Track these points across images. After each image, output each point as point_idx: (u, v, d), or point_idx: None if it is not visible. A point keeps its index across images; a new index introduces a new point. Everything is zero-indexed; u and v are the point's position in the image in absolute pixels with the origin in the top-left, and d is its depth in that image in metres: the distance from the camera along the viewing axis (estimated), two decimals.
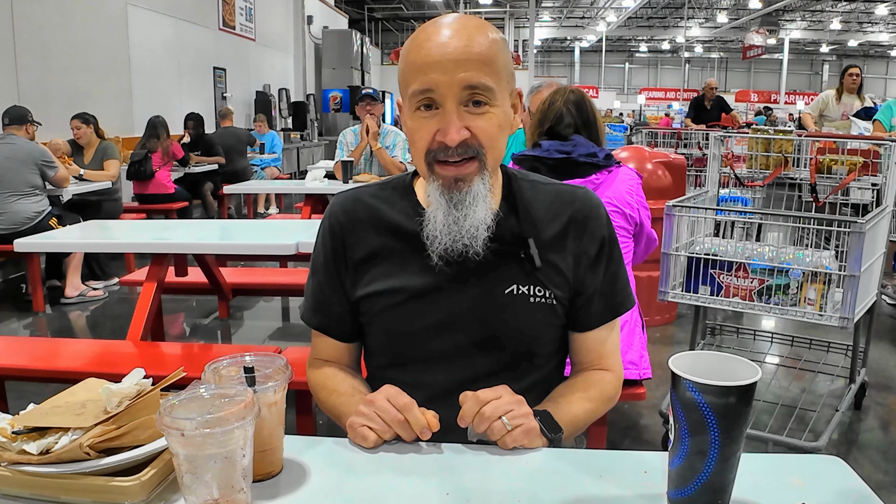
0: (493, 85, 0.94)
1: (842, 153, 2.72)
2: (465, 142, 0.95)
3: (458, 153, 0.95)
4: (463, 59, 0.93)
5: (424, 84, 0.94)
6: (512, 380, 1.02)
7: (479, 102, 0.95)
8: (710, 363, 0.77)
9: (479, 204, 0.97)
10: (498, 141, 0.98)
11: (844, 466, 0.87)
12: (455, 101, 0.94)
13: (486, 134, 0.96)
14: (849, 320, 2.01)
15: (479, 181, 0.97)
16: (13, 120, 4.33)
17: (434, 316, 1.04)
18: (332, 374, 1.11)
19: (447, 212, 0.98)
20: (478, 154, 0.96)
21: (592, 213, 1.08)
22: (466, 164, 0.96)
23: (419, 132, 0.97)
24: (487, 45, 0.95)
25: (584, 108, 2.08)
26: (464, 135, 0.94)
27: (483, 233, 0.99)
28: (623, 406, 2.77)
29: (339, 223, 1.09)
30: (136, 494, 0.77)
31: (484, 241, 1.00)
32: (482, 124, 0.95)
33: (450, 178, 0.97)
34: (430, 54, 0.94)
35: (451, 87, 0.93)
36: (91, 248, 3.54)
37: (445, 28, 0.95)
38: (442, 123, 0.95)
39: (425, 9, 20.81)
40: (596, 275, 1.08)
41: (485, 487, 0.83)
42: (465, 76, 0.92)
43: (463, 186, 0.97)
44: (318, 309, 1.12)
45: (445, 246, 1.00)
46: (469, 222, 0.97)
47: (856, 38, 28.41)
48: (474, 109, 0.95)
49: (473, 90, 0.93)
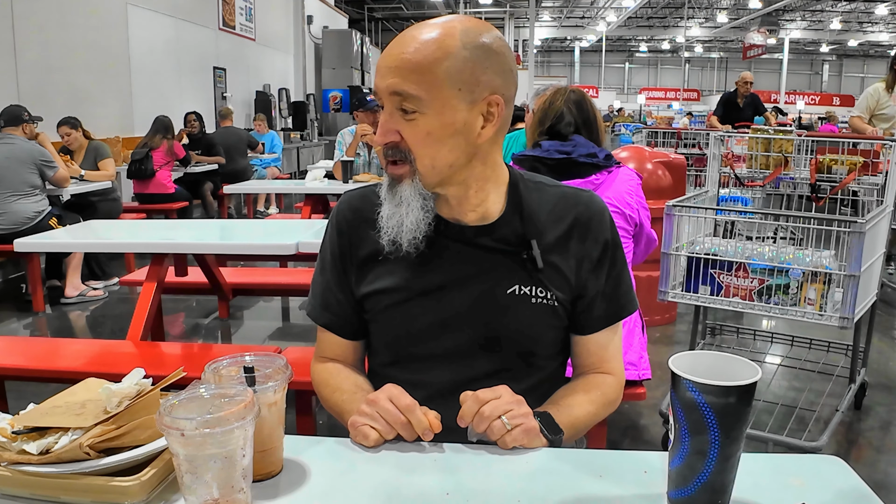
0: (418, 93, 0.94)
1: (842, 153, 2.72)
2: (395, 144, 0.98)
3: (390, 154, 0.99)
4: (393, 65, 0.95)
5: (374, 86, 0.99)
6: (513, 380, 1.02)
7: (405, 110, 0.96)
8: (710, 363, 0.77)
9: (411, 205, 0.99)
10: (429, 148, 0.97)
11: (844, 466, 0.87)
12: (389, 105, 0.97)
13: (412, 140, 0.97)
14: (849, 320, 2.01)
15: (408, 184, 0.99)
16: (8, 121, 4.31)
17: (436, 315, 1.04)
18: (335, 371, 1.11)
19: (389, 207, 1.02)
20: (407, 158, 0.98)
21: (596, 216, 1.08)
22: (399, 165, 0.99)
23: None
24: (427, 53, 0.94)
25: (585, 108, 2.08)
26: (389, 138, 0.98)
27: (415, 230, 1.00)
28: (623, 406, 2.77)
29: (346, 221, 1.11)
30: (136, 494, 0.77)
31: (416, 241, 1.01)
32: (408, 131, 0.97)
33: (391, 176, 1.01)
34: (380, 58, 0.99)
35: (383, 92, 0.97)
36: (91, 248, 3.54)
37: (405, 32, 0.98)
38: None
39: (425, 9, 20.81)
40: (598, 278, 1.08)
41: (485, 487, 0.83)
42: (391, 82, 0.95)
43: (396, 185, 1.01)
44: (324, 306, 1.12)
45: (391, 237, 1.02)
46: (407, 220, 1.00)
47: (856, 38, 28.41)
48: (404, 115, 0.97)
49: (399, 97, 0.96)
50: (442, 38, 0.95)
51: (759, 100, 6.92)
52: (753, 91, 6.82)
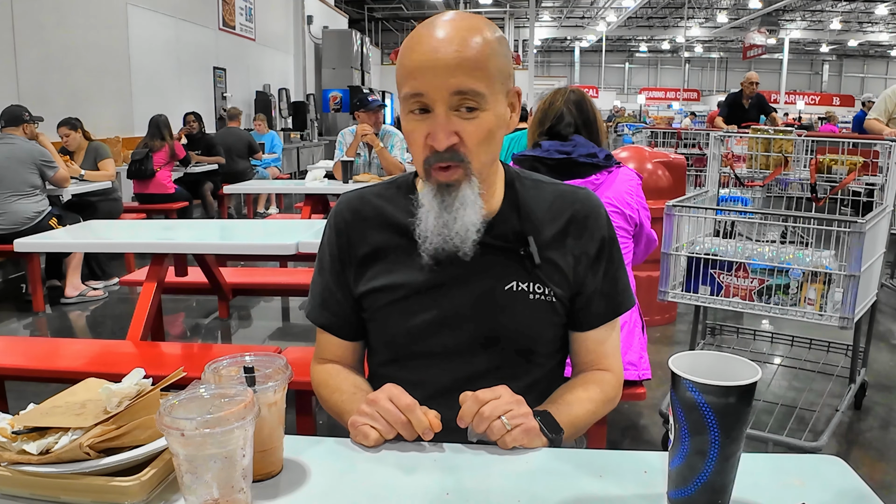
0: (483, 90, 0.94)
1: (842, 153, 2.72)
2: (453, 147, 0.95)
3: (445, 158, 0.96)
4: (454, 63, 0.92)
5: (415, 88, 0.94)
6: (512, 378, 1.02)
7: (470, 108, 0.94)
8: (710, 363, 0.77)
9: (468, 208, 0.98)
10: (487, 145, 0.98)
11: (844, 466, 0.87)
12: (445, 106, 0.94)
13: (475, 139, 0.96)
14: (849, 320, 2.01)
15: (466, 186, 0.98)
16: (9, 121, 4.32)
17: (434, 312, 1.04)
18: (334, 372, 1.11)
19: (438, 214, 0.99)
20: (463, 161, 0.97)
21: (593, 213, 1.09)
22: (454, 169, 0.97)
23: (412, 135, 0.98)
24: (479, 49, 0.94)
25: (585, 108, 2.08)
26: (452, 140, 0.95)
27: (473, 235, 0.99)
28: (623, 406, 2.77)
29: (344, 221, 1.10)
30: (136, 494, 0.77)
31: (474, 242, 1.00)
32: (472, 129, 0.95)
33: (442, 183, 0.98)
34: (422, 58, 0.93)
35: (441, 93, 0.93)
36: (91, 248, 3.54)
37: (438, 30, 0.95)
38: (432, 128, 0.95)
39: (425, 9, 20.80)
40: (596, 275, 1.08)
41: (485, 487, 0.83)
42: (454, 82, 0.92)
43: (452, 191, 0.98)
44: (323, 307, 1.12)
45: (436, 246, 1.00)
46: (459, 225, 0.98)
47: (856, 38, 28.42)
48: (465, 114, 0.95)
49: (463, 96, 0.93)
50: (482, 33, 0.95)
51: (764, 100, 6.72)
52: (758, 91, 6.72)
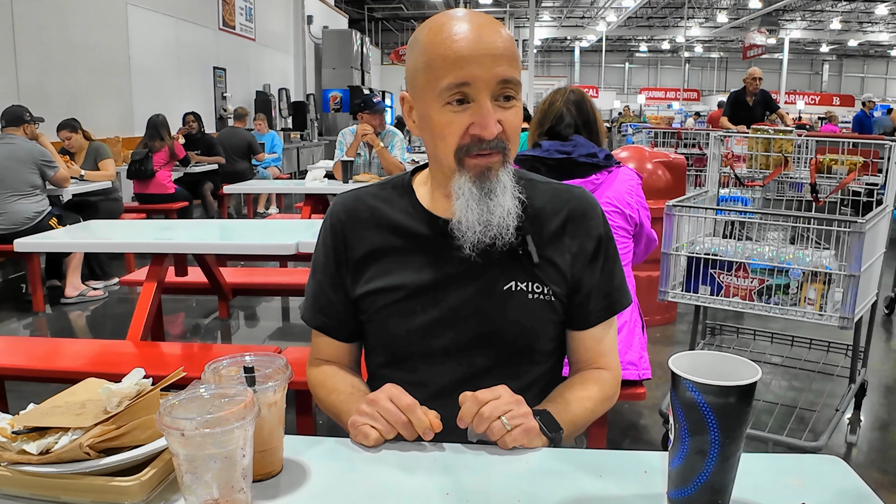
0: (520, 80, 0.97)
1: (842, 153, 2.72)
2: (498, 135, 0.96)
3: (490, 146, 0.96)
4: (498, 53, 0.94)
5: (460, 78, 0.94)
6: (511, 377, 1.02)
7: (510, 97, 0.97)
8: (710, 363, 0.77)
9: (507, 193, 0.99)
10: (517, 133, 1.01)
11: (844, 466, 0.87)
12: (489, 95, 0.95)
13: (513, 127, 0.98)
14: (849, 320, 2.01)
15: (504, 172, 0.99)
16: (10, 121, 4.32)
17: (433, 312, 1.04)
18: (331, 372, 1.11)
19: (480, 200, 0.98)
20: (504, 149, 0.98)
21: (589, 211, 1.09)
22: (493, 155, 0.97)
23: (451, 127, 0.97)
24: (511, 41, 0.98)
25: (585, 108, 2.08)
26: (499, 128, 0.96)
27: (512, 221, 1.00)
28: (623, 406, 2.77)
29: (339, 222, 1.10)
30: (136, 494, 0.77)
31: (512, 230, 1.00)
32: (511, 118, 0.97)
33: (482, 167, 0.97)
34: (466, 48, 0.94)
35: (488, 82, 0.94)
36: (91, 248, 3.54)
37: (471, 23, 0.96)
38: (477, 117, 0.95)
39: (425, 9, 20.80)
40: (593, 272, 1.09)
41: (485, 487, 0.83)
42: (500, 70, 0.94)
43: (492, 176, 0.98)
44: (318, 309, 1.12)
45: (478, 237, 1.00)
46: (500, 212, 0.98)
47: (856, 38, 28.41)
48: (504, 104, 0.96)
49: (506, 84, 0.95)
50: (505, 29, 0.99)
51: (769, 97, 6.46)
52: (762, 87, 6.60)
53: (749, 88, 6.25)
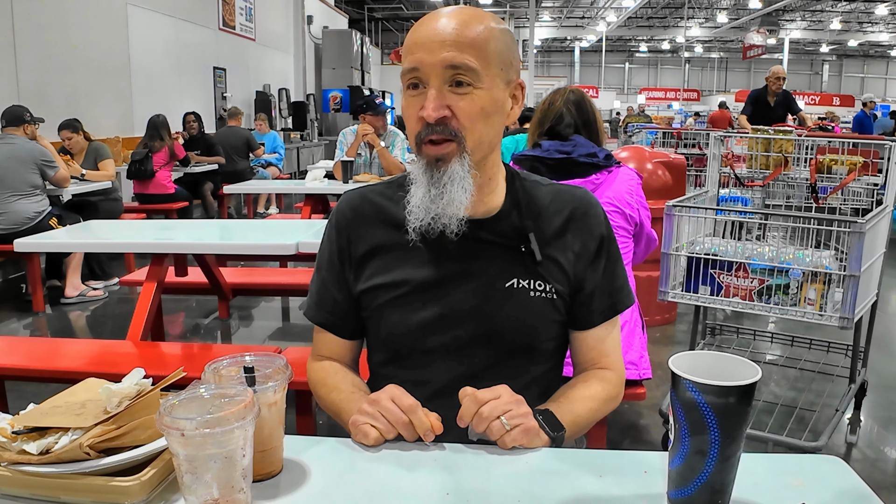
0: (476, 66, 0.95)
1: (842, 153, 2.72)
2: (444, 120, 0.96)
3: (437, 131, 0.96)
4: (449, 40, 0.95)
5: (411, 63, 0.96)
6: (511, 375, 1.02)
7: (461, 83, 0.96)
8: (710, 363, 0.77)
9: (455, 184, 0.98)
10: (479, 124, 0.98)
11: (844, 466, 0.87)
12: (438, 80, 0.96)
13: (466, 114, 0.97)
14: (849, 320, 2.01)
15: (457, 162, 0.98)
16: (10, 121, 4.32)
17: (434, 309, 1.04)
18: (332, 370, 1.11)
19: (426, 190, 0.99)
20: (456, 136, 0.97)
21: (591, 211, 1.10)
22: (445, 144, 0.98)
23: (408, 111, 1.00)
24: (477, 31, 0.97)
25: (584, 108, 2.08)
26: (442, 112, 0.96)
27: (460, 213, 1.00)
28: (623, 406, 2.77)
29: (345, 219, 1.11)
30: (136, 494, 0.77)
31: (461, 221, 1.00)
32: (463, 105, 0.96)
33: (431, 157, 0.98)
34: (419, 36, 0.97)
35: (434, 66, 0.95)
36: (91, 248, 3.54)
37: (442, 15, 0.98)
38: (424, 101, 0.96)
39: (425, 9, 20.80)
40: (596, 271, 1.09)
41: (485, 487, 0.83)
42: (447, 56, 0.94)
43: (442, 166, 0.98)
44: (321, 305, 1.12)
45: (423, 223, 1.01)
46: (446, 200, 0.98)
47: (856, 38, 28.42)
48: (457, 90, 0.96)
49: (455, 70, 0.95)
50: (484, 20, 0.98)
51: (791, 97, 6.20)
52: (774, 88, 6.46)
53: (771, 88, 5.99)
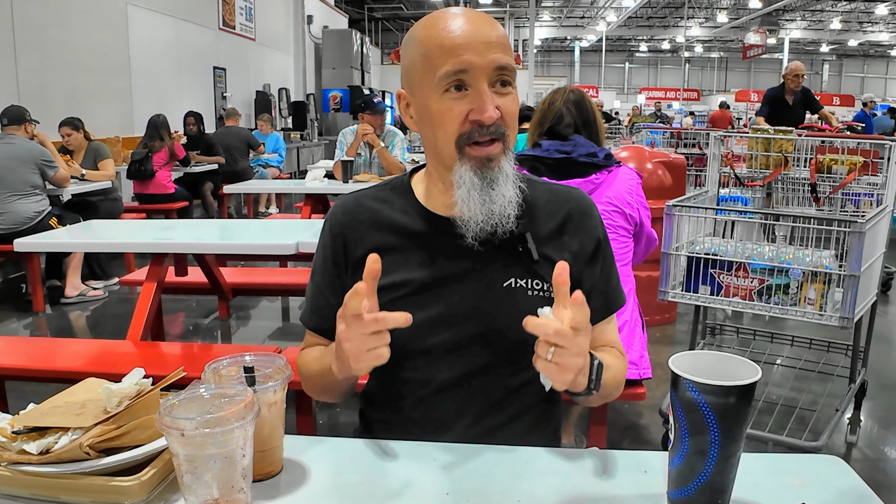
0: (514, 67, 0.99)
1: (842, 153, 2.72)
2: (497, 121, 0.97)
3: (490, 132, 0.97)
4: (492, 41, 0.96)
5: (457, 65, 0.95)
6: (511, 374, 1.02)
7: (506, 83, 0.98)
8: (710, 363, 0.77)
9: (509, 183, 0.99)
10: (516, 122, 1.01)
11: (844, 466, 0.87)
12: (486, 81, 0.96)
13: (511, 113, 0.99)
14: (849, 320, 2.01)
15: (505, 161, 0.99)
16: (11, 120, 4.32)
17: (434, 310, 1.04)
18: (313, 351, 1.11)
19: (482, 190, 0.98)
20: (504, 135, 0.98)
21: (587, 212, 1.11)
22: (494, 144, 0.98)
23: (450, 114, 0.97)
24: (504, 32, 1.00)
25: (584, 108, 2.08)
26: (497, 113, 0.97)
27: (514, 211, 1.00)
28: (623, 406, 2.77)
29: (339, 224, 1.10)
30: (136, 494, 0.77)
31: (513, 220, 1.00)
32: (508, 104, 0.98)
33: (482, 157, 0.98)
34: (461, 36, 0.96)
35: (485, 68, 0.95)
36: (91, 248, 3.54)
37: (466, 16, 0.99)
38: (475, 103, 0.96)
39: (425, 8, 20.81)
40: (593, 272, 1.10)
41: (485, 487, 0.83)
42: (496, 57, 0.95)
43: (494, 165, 0.98)
44: (316, 311, 1.12)
45: (480, 226, 1.00)
46: (502, 201, 0.99)
47: (856, 38, 28.42)
48: (501, 89, 0.97)
49: (503, 70, 0.97)
50: (497, 23, 1.01)
51: (811, 95, 5.76)
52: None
53: (790, 86, 5.55)
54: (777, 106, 5.57)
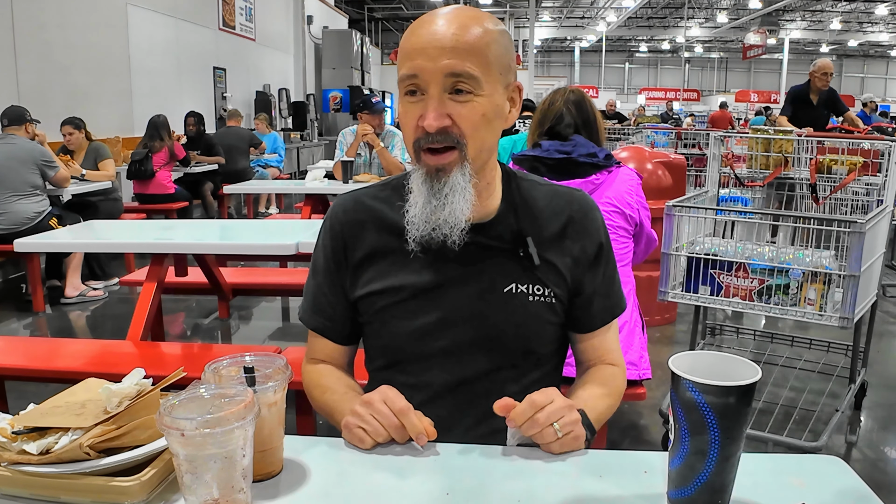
0: (477, 74, 0.94)
1: (842, 153, 2.72)
2: (446, 129, 0.94)
3: (437, 140, 0.95)
4: (448, 46, 0.93)
5: (410, 70, 0.94)
6: (511, 379, 1.02)
7: (461, 90, 0.94)
8: (710, 363, 0.77)
9: (457, 194, 0.97)
10: (481, 131, 0.97)
11: (844, 466, 0.87)
12: (438, 88, 0.94)
13: (468, 122, 0.95)
14: (849, 320, 2.01)
15: (458, 172, 0.97)
16: (12, 120, 4.33)
17: (433, 314, 1.04)
18: (326, 372, 1.11)
19: (427, 200, 0.98)
20: (457, 144, 0.96)
21: (590, 215, 1.10)
22: (447, 153, 0.96)
23: (405, 117, 0.98)
24: (478, 35, 0.94)
25: (585, 108, 2.08)
26: (443, 122, 0.94)
27: (461, 224, 0.98)
28: (623, 406, 2.77)
29: (339, 223, 1.10)
30: (136, 494, 0.77)
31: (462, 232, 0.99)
32: (464, 112, 0.95)
33: (432, 167, 0.97)
34: (418, 41, 0.94)
35: (434, 74, 0.93)
36: (91, 248, 3.54)
37: (440, 17, 0.96)
38: (424, 109, 0.95)
39: (425, 9, 20.80)
40: (595, 276, 1.09)
41: (485, 487, 0.83)
42: (448, 63, 0.92)
43: (442, 176, 0.97)
44: (316, 310, 1.12)
45: (423, 233, 1.00)
46: (447, 211, 0.97)
47: (856, 38, 28.41)
48: (457, 97, 0.94)
49: (456, 77, 0.93)
50: (482, 22, 0.96)
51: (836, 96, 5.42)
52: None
53: (816, 84, 5.22)
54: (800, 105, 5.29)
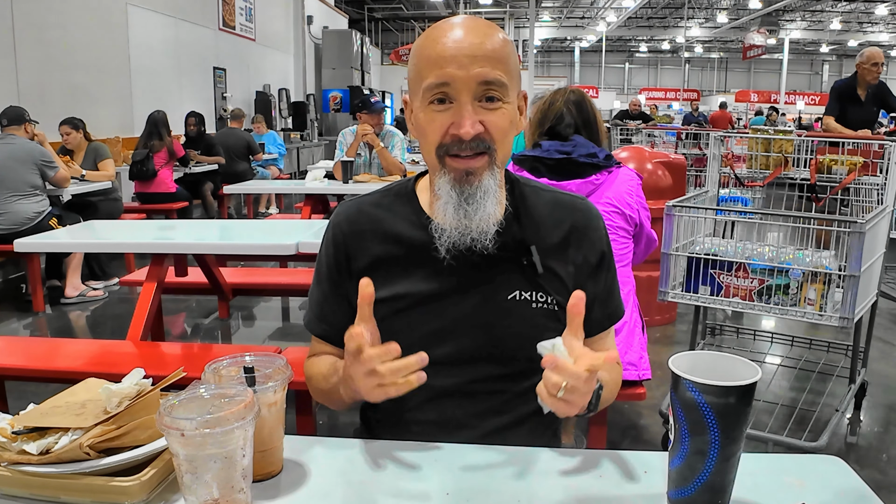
0: (506, 81, 0.96)
1: (842, 153, 2.72)
2: (479, 136, 0.96)
3: (470, 147, 0.96)
4: (479, 54, 0.94)
5: (440, 78, 0.95)
6: (514, 384, 1.02)
7: (493, 98, 0.96)
8: (710, 363, 0.77)
9: (489, 199, 0.98)
10: (508, 137, 0.99)
11: (844, 466, 0.87)
12: (470, 96, 0.95)
13: (498, 129, 0.97)
14: (849, 320, 2.01)
15: (488, 176, 0.98)
16: (11, 120, 4.33)
17: (437, 322, 1.03)
18: (327, 361, 1.10)
19: (458, 205, 0.98)
20: (488, 149, 0.97)
21: (592, 223, 1.10)
22: (478, 157, 0.97)
23: (431, 125, 0.97)
24: (501, 44, 0.97)
25: (585, 108, 2.08)
26: (478, 129, 0.95)
27: (492, 228, 0.99)
28: (623, 406, 2.77)
29: (342, 233, 1.10)
30: (136, 494, 0.77)
31: (492, 238, 1.00)
32: (495, 119, 0.96)
33: (461, 171, 0.97)
34: (447, 49, 0.95)
35: (467, 82, 0.94)
36: (91, 248, 3.54)
37: (460, 26, 0.97)
38: (456, 117, 0.95)
39: (425, 9, 20.81)
40: (596, 284, 1.09)
41: (485, 487, 0.83)
42: (480, 71, 0.94)
43: (474, 180, 0.97)
44: (321, 318, 1.12)
45: (454, 240, 1.00)
46: (479, 217, 0.98)
47: (856, 38, 28.40)
48: (487, 105, 0.96)
49: (488, 85, 0.95)
50: (499, 31, 0.98)
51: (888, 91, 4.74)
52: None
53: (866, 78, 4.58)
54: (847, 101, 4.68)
